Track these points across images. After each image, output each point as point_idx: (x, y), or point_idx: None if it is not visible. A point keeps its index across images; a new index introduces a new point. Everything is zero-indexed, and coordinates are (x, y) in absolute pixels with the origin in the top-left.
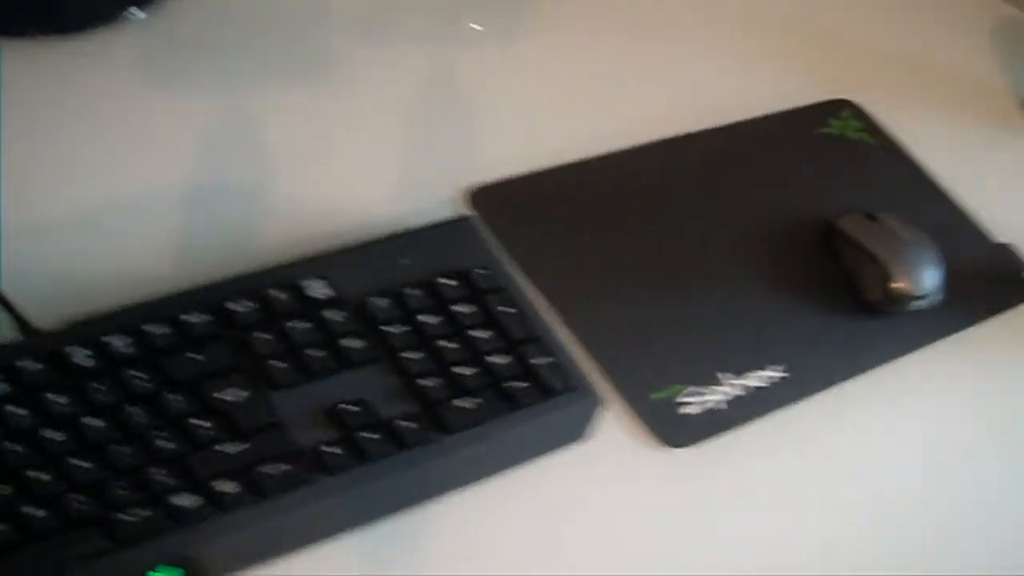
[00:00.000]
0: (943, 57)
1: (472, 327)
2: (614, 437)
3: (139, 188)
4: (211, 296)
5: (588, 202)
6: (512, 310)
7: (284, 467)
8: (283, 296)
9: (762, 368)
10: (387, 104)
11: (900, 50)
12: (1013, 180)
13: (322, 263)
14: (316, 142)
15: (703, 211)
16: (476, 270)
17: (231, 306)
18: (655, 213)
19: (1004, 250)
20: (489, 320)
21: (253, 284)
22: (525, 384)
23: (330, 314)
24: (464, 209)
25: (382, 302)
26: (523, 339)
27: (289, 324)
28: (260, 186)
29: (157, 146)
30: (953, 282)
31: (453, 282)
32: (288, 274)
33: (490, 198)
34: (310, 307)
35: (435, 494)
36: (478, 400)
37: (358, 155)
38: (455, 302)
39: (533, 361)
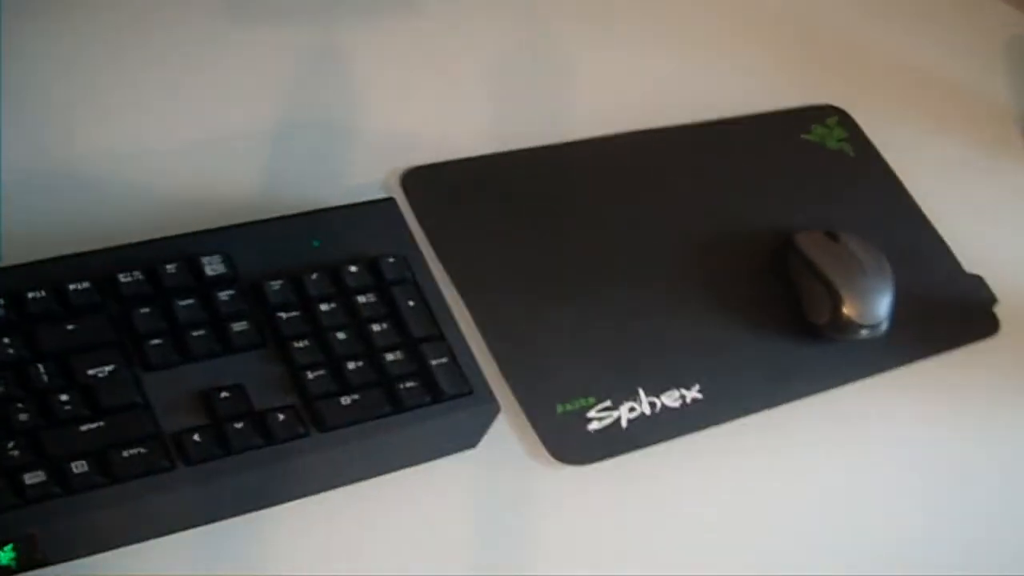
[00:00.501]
0: (947, 70)
1: (371, 320)
2: (507, 448)
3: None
4: (100, 264)
5: (528, 193)
6: (416, 304)
7: (141, 450)
8: (173, 270)
9: (685, 387)
10: (327, 76)
11: (902, 58)
12: (997, 210)
13: (225, 237)
14: (245, 111)
15: (652, 212)
16: (385, 259)
17: (120, 277)
18: (599, 211)
19: (974, 282)
20: (390, 313)
21: (146, 254)
22: (415, 384)
23: (221, 293)
24: (396, 191)
25: (277, 285)
26: (422, 336)
27: (176, 301)
28: (182, 152)
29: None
30: (912, 311)
31: (358, 269)
32: (186, 247)
33: (422, 181)
34: (201, 284)
35: (305, 492)
36: (361, 397)
37: (288, 127)
38: (357, 291)
39: (430, 361)
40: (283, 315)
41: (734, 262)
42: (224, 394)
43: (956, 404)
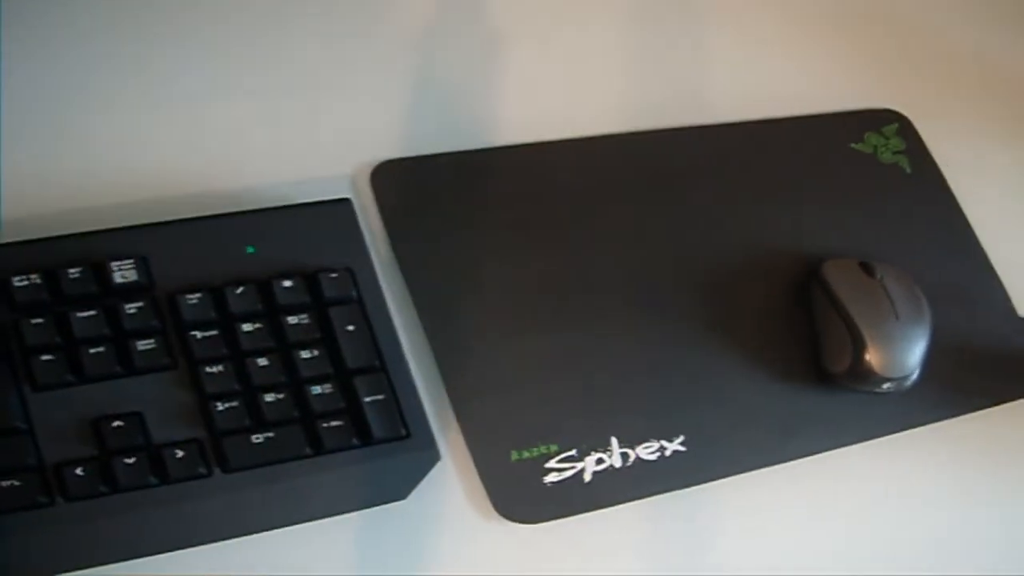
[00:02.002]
0: None
1: (299, 345)
2: (447, 500)
3: None
4: None
5: (513, 198)
6: (356, 328)
7: (14, 482)
8: (76, 275)
9: (666, 437)
10: (295, 59)
11: (987, 65)
12: None
13: (144, 238)
14: (192, 89)
15: (657, 227)
16: (327, 273)
17: (14, 280)
18: (594, 222)
19: None
20: (323, 338)
21: (47, 255)
22: (340, 423)
23: (129, 305)
24: (364, 189)
25: (194, 299)
26: (358, 368)
27: (75, 312)
28: (105, 133)
29: None
30: (950, 359)
31: (292, 284)
32: (96, 248)
33: (395, 178)
34: (107, 293)
35: (204, 539)
36: (275, 435)
37: (244, 110)
38: (288, 311)
39: (362, 397)
40: (198, 334)
41: (749, 290)
42: (117, 423)
43: (989, 469)
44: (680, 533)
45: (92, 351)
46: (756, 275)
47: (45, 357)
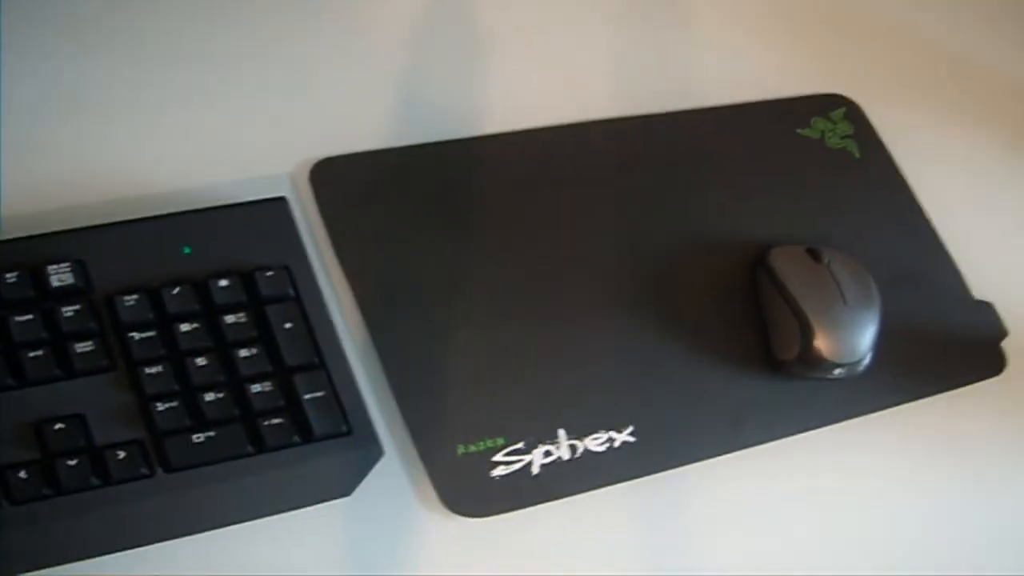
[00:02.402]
0: (985, 61)
1: (237, 344)
2: (392, 495)
3: None
4: None
5: (455, 191)
6: (294, 326)
7: None
8: (13, 279)
9: (615, 429)
10: (233, 58)
11: (934, 45)
12: (1019, 228)
13: (80, 241)
14: (125, 84)
15: (601, 218)
16: (263, 271)
17: None
18: (538, 215)
19: (982, 311)
20: (261, 336)
21: None
22: (281, 421)
23: (66, 308)
24: (303, 186)
25: (132, 300)
26: (297, 365)
27: (12, 316)
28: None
29: None
30: (905, 343)
31: (229, 283)
32: (32, 252)
33: (333, 175)
34: (45, 297)
35: (148, 539)
36: (216, 434)
37: (178, 107)
38: (225, 310)
39: (302, 394)
40: (136, 335)
41: (695, 280)
42: (59, 425)
43: (943, 455)
44: (630, 524)
45: (31, 355)
46: (703, 263)
47: None
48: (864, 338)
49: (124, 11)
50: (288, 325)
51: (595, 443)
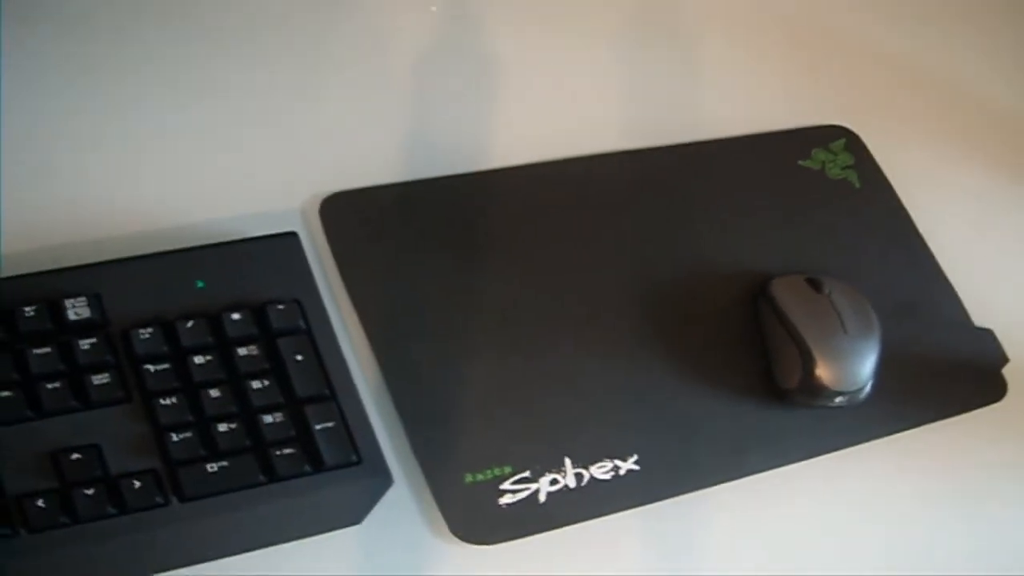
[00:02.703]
0: (983, 91)
1: (249, 375)
2: (402, 523)
3: None
4: None
5: (462, 225)
6: (304, 358)
7: None
8: (31, 313)
9: (620, 457)
10: (243, 93)
11: (932, 76)
12: (1019, 256)
13: (96, 276)
14: (139, 122)
15: (606, 250)
16: (274, 305)
17: None
18: (543, 248)
19: (983, 338)
20: (273, 368)
21: (3, 295)
22: (293, 451)
23: (83, 341)
24: (314, 221)
25: (147, 333)
26: (308, 396)
27: (31, 349)
28: (50, 168)
29: None
30: (906, 371)
31: (241, 316)
32: (50, 286)
33: (343, 210)
34: (62, 330)
35: (163, 567)
36: (230, 464)
37: (192, 144)
38: (238, 342)
39: (313, 424)
40: (151, 368)
41: (698, 311)
42: (76, 455)
43: (945, 481)
44: (635, 551)
45: (49, 386)
46: (706, 294)
47: (4, 394)
48: (865, 367)
49: (136, 47)
50: (299, 357)
51: (601, 471)
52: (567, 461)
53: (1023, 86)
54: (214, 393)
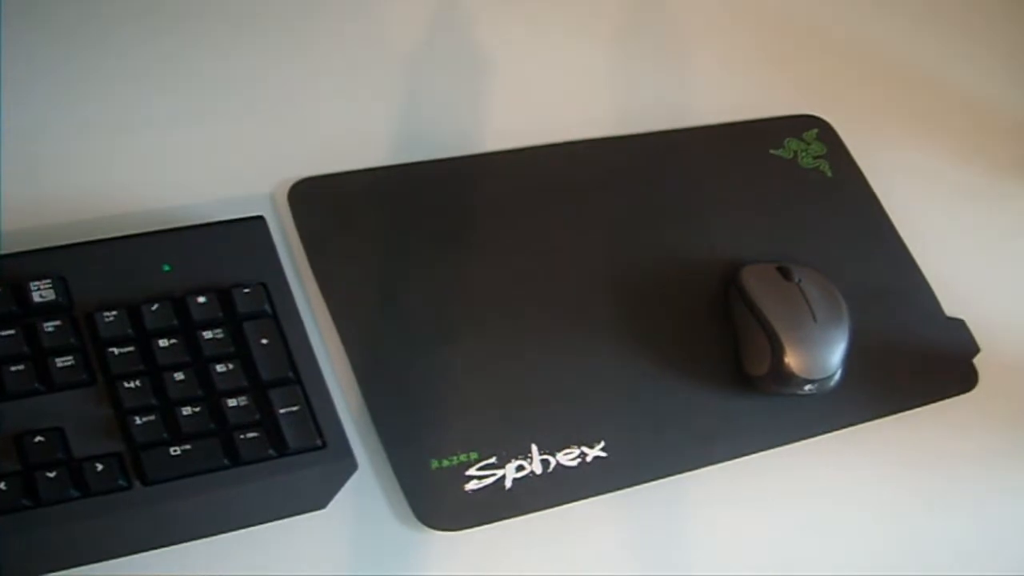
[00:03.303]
0: (957, 80)
1: (214, 359)
2: (367, 509)
3: None
4: None
5: (431, 212)
6: (270, 342)
7: None
8: None
9: (587, 444)
10: (214, 79)
11: (905, 65)
12: (993, 244)
13: (61, 259)
14: (105, 103)
15: (574, 237)
16: (240, 289)
17: None
18: (512, 234)
19: (954, 328)
20: (238, 352)
21: None
22: (256, 435)
23: (47, 324)
24: (283, 206)
25: (111, 316)
26: (272, 380)
27: None
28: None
29: None
30: (876, 361)
31: (206, 300)
32: (14, 268)
33: (312, 195)
34: (26, 312)
35: (126, 550)
36: (193, 448)
37: (161, 127)
38: (202, 326)
39: (277, 408)
40: (115, 350)
41: (668, 298)
42: (38, 438)
43: (914, 470)
44: (601, 538)
45: (12, 369)
46: (676, 282)
47: None
48: (834, 355)
49: (105, 33)
50: (264, 341)
51: (567, 458)
52: (533, 447)
53: (995, 75)
54: (178, 376)
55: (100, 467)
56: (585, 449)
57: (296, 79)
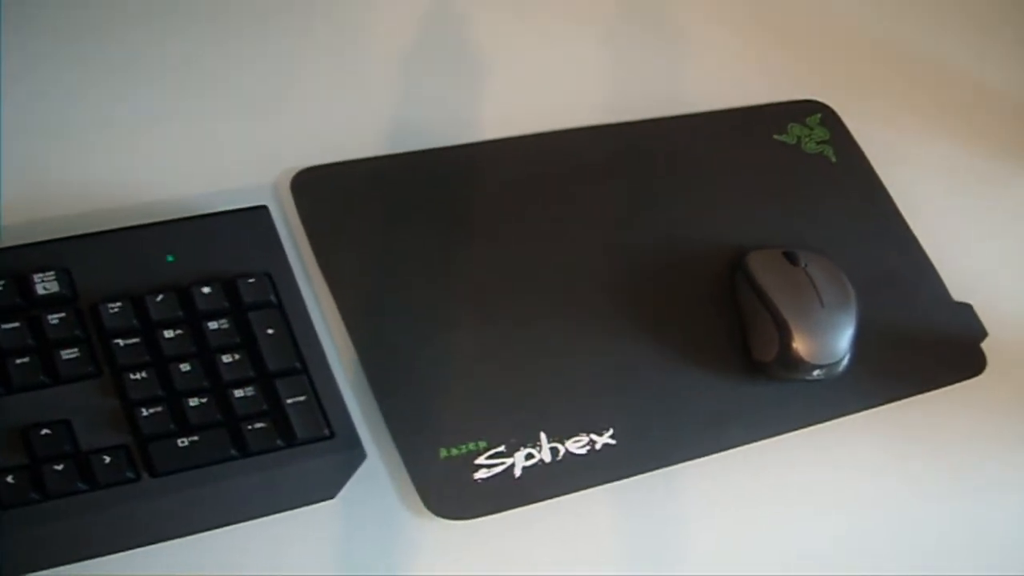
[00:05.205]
0: (959, 63)
1: (220, 349)
2: (376, 498)
3: None
4: None
5: (436, 201)
6: (276, 332)
7: None
8: (0, 288)
9: (596, 431)
10: (216, 69)
11: (910, 49)
12: (999, 229)
13: (65, 250)
14: (116, 105)
15: (580, 224)
16: (245, 279)
17: None
18: (518, 222)
19: (962, 312)
20: (244, 343)
21: None
22: (264, 425)
23: (52, 316)
24: (285, 196)
25: (116, 307)
26: (279, 370)
27: (0, 323)
28: (22, 144)
29: None
30: (884, 345)
31: (211, 290)
32: (18, 261)
33: (315, 185)
34: (31, 305)
35: (135, 543)
36: (200, 439)
37: (164, 118)
38: (208, 316)
39: (284, 399)
40: (121, 342)
41: (674, 285)
42: (45, 431)
43: (924, 455)
44: (611, 526)
45: (18, 362)
46: (682, 268)
47: None
48: (841, 340)
49: (108, 26)
50: (270, 331)
51: (576, 446)
52: (542, 436)
53: (1001, 59)
54: (184, 367)
55: (108, 459)
56: (594, 437)
57: (296, 71)
